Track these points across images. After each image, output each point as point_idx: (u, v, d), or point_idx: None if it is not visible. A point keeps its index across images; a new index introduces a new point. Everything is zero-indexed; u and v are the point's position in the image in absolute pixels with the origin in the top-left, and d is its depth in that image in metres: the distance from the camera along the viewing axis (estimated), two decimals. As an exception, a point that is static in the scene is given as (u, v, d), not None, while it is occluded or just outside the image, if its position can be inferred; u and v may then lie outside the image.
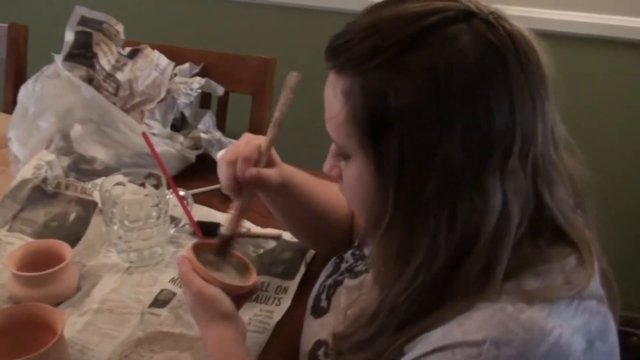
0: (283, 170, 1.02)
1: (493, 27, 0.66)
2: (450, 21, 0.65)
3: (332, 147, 0.80)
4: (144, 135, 0.94)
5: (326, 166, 0.82)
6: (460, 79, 0.64)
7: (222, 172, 0.99)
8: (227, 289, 0.91)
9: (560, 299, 0.66)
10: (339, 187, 0.82)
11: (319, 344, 0.90)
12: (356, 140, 0.70)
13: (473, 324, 0.65)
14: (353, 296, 0.90)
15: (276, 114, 0.96)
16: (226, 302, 0.90)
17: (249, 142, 0.99)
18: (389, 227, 0.70)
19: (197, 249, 0.94)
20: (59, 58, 1.48)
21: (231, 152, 0.98)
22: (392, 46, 0.65)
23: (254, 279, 0.96)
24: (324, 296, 0.97)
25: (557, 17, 1.98)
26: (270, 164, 1.00)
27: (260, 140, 0.98)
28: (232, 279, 0.96)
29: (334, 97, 0.71)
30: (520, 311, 0.64)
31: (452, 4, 0.67)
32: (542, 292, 0.66)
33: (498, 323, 0.64)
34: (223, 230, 0.99)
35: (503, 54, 0.65)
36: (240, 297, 0.95)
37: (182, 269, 0.91)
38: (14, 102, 1.54)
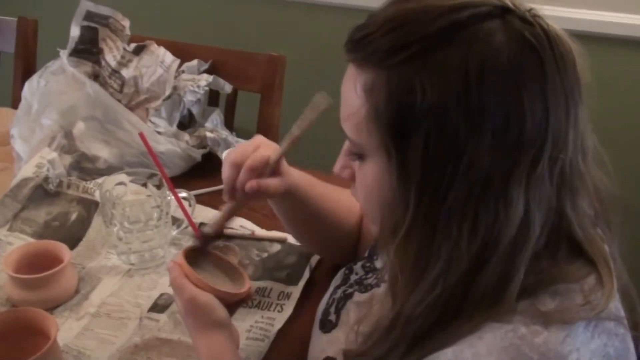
0: (289, 178, 0.97)
1: (530, 24, 0.62)
2: (484, 17, 0.61)
3: (345, 145, 0.76)
4: (141, 135, 0.91)
5: (337, 166, 0.78)
6: (493, 78, 0.60)
7: (224, 171, 0.94)
8: (220, 296, 0.87)
9: (578, 321, 0.63)
10: (351, 190, 0.78)
11: None
12: (377, 139, 0.66)
13: (484, 346, 0.61)
14: (363, 312, 0.87)
15: (295, 131, 0.91)
16: (220, 310, 0.86)
17: (259, 148, 0.94)
18: (408, 232, 0.66)
19: (188, 254, 0.91)
20: (64, 53, 1.46)
21: (237, 154, 0.93)
22: (421, 40, 0.61)
23: (247, 285, 0.92)
24: (332, 309, 0.93)
25: (591, 17, 1.93)
26: (275, 172, 0.95)
27: (271, 149, 0.94)
28: (225, 285, 0.92)
29: (354, 92, 0.67)
30: (535, 334, 0.61)
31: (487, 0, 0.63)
32: (560, 314, 0.62)
33: (510, 346, 0.60)
34: (206, 229, 0.95)
35: (540, 53, 0.61)
36: (233, 304, 0.91)
37: (173, 275, 0.87)
38: (22, 98, 1.52)
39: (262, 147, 0.94)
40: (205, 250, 0.95)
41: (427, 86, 0.61)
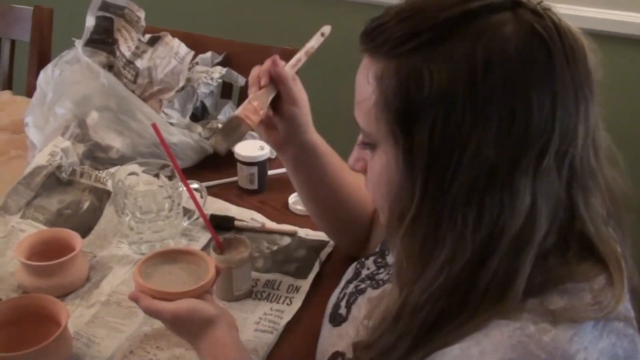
0: (312, 134, 1.01)
1: (541, 17, 0.62)
2: (494, 8, 0.62)
3: (359, 138, 0.76)
4: (154, 125, 0.91)
5: (351, 158, 0.79)
6: (500, 68, 0.60)
7: (253, 71, 0.98)
8: (196, 294, 0.88)
9: (587, 320, 0.62)
10: (364, 182, 0.78)
11: (336, 355, 0.87)
12: (385, 126, 0.67)
13: (491, 344, 0.61)
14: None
15: (312, 42, 1.01)
16: (204, 308, 0.87)
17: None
18: (413, 219, 0.66)
19: (144, 268, 0.92)
20: (79, 43, 1.46)
21: (255, 69, 0.98)
22: (430, 30, 0.62)
23: (211, 271, 0.92)
24: (343, 303, 0.94)
25: (606, 16, 1.92)
26: (294, 101, 0.98)
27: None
28: (191, 278, 0.93)
29: (365, 80, 0.68)
30: (542, 332, 0.60)
31: None
32: (568, 313, 0.62)
33: (518, 343, 0.60)
34: (235, 111, 0.95)
35: (549, 45, 0.61)
36: (207, 291, 0.91)
37: (142, 306, 0.87)
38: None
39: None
40: (228, 128, 0.95)
41: (434, 75, 0.61)
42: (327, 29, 1.01)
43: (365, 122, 0.70)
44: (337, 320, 0.92)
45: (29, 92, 1.77)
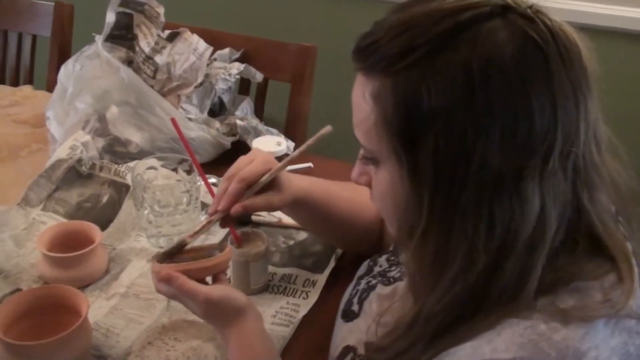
0: (293, 190, 1.00)
1: (532, 21, 0.62)
2: (485, 17, 0.61)
3: (361, 152, 0.76)
4: (173, 120, 0.92)
5: (354, 173, 0.78)
6: (497, 77, 0.60)
7: (220, 185, 0.98)
8: (218, 268, 0.89)
9: (598, 319, 0.62)
10: (370, 196, 0.78)
11: (347, 349, 0.88)
12: (387, 145, 0.67)
13: (502, 342, 0.61)
14: (385, 305, 0.88)
15: (294, 153, 0.97)
16: (236, 296, 0.87)
17: (253, 162, 0.97)
18: (423, 234, 0.66)
19: (161, 261, 0.92)
20: (99, 39, 1.48)
21: (232, 167, 0.98)
22: (424, 44, 0.62)
23: (227, 248, 0.93)
24: (355, 299, 0.94)
25: (598, 10, 1.92)
26: (274, 186, 0.98)
27: (265, 164, 0.96)
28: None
29: (363, 100, 0.68)
30: (554, 331, 0.61)
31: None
32: (579, 311, 0.62)
33: (529, 342, 0.60)
34: (182, 236, 0.95)
35: (543, 49, 0.61)
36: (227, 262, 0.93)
37: (177, 284, 0.85)
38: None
39: (257, 161, 0.97)
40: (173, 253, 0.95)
41: (432, 89, 0.61)
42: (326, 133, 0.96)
43: (366, 140, 0.70)
44: (350, 316, 0.93)
45: (50, 86, 1.79)
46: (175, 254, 0.93)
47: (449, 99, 0.61)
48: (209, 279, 0.92)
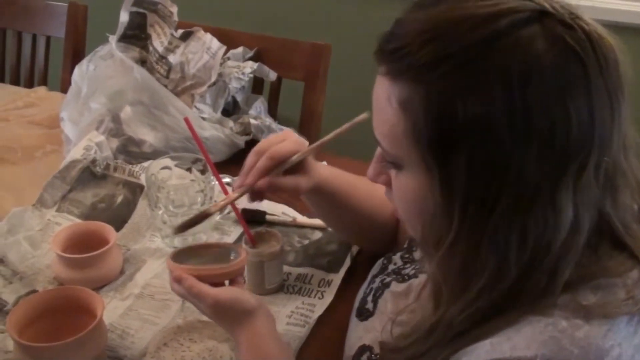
0: (317, 176, 0.98)
1: (570, 28, 0.59)
2: (523, 23, 0.59)
3: (378, 152, 0.75)
4: (186, 120, 0.92)
5: (371, 172, 0.77)
6: (536, 86, 0.58)
7: (248, 158, 0.96)
8: (229, 272, 0.88)
9: (620, 315, 0.61)
10: (385, 193, 0.77)
11: (362, 349, 0.87)
12: (416, 154, 0.64)
13: (522, 339, 0.60)
14: (399, 302, 0.87)
15: (328, 136, 0.93)
16: (246, 298, 0.86)
17: (285, 140, 0.95)
18: (451, 245, 0.65)
19: (177, 259, 0.91)
20: (113, 39, 1.48)
21: (263, 143, 0.96)
22: (459, 53, 0.59)
23: (242, 255, 0.92)
24: (370, 298, 0.94)
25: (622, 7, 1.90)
26: (300, 170, 0.96)
27: (296, 145, 0.95)
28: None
29: (388, 104, 0.65)
30: (575, 327, 0.60)
31: (524, 3, 0.60)
32: (602, 308, 0.61)
33: (550, 339, 0.59)
34: (211, 208, 0.95)
35: (583, 58, 0.59)
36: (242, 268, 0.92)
37: (187, 285, 0.86)
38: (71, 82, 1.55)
39: (288, 140, 0.95)
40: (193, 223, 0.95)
41: (468, 100, 0.59)
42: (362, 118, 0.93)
43: (390, 145, 0.68)
44: (364, 314, 0.92)
45: (64, 87, 1.79)
46: (196, 223, 0.94)
47: (486, 109, 0.59)
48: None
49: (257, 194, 0.95)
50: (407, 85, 0.63)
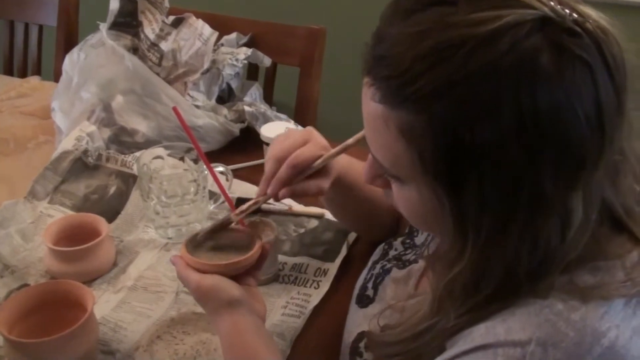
0: (335, 172, 0.94)
1: (575, 35, 0.56)
2: (524, 38, 0.55)
3: (371, 157, 0.72)
4: (175, 109, 0.90)
5: (367, 176, 0.75)
6: (546, 102, 0.55)
7: (267, 163, 0.91)
8: (225, 270, 0.85)
9: (618, 297, 0.60)
10: (384, 193, 0.75)
11: (362, 335, 0.86)
12: (424, 182, 0.62)
13: (518, 322, 0.60)
14: (399, 288, 0.86)
15: (350, 141, 0.88)
16: (229, 289, 0.83)
17: (307, 144, 0.90)
18: (461, 266, 0.64)
19: (192, 242, 0.90)
20: (104, 27, 1.46)
21: (282, 149, 0.90)
22: (463, 82, 0.56)
23: (253, 249, 0.89)
24: (370, 284, 0.92)
25: None
26: (323, 170, 0.92)
27: (318, 147, 0.90)
28: (234, 257, 0.89)
29: (386, 129, 0.62)
30: (572, 310, 0.59)
31: (524, 13, 0.56)
32: (599, 290, 0.60)
33: (545, 321, 0.59)
34: (232, 215, 0.92)
35: (591, 65, 0.56)
36: (246, 272, 0.88)
37: (177, 269, 0.86)
38: (63, 71, 1.53)
39: (311, 144, 0.90)
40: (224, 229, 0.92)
41: (475, 125, 0.56)
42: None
43: (391, 166, 0.65)
44: (364, 301, 0.91)
45: (57, 77, 1.75)
46: (216, 232, 0.92)
47: (496, 134, 0.56)
48: None
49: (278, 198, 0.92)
50: (407, 113, 0.60)
